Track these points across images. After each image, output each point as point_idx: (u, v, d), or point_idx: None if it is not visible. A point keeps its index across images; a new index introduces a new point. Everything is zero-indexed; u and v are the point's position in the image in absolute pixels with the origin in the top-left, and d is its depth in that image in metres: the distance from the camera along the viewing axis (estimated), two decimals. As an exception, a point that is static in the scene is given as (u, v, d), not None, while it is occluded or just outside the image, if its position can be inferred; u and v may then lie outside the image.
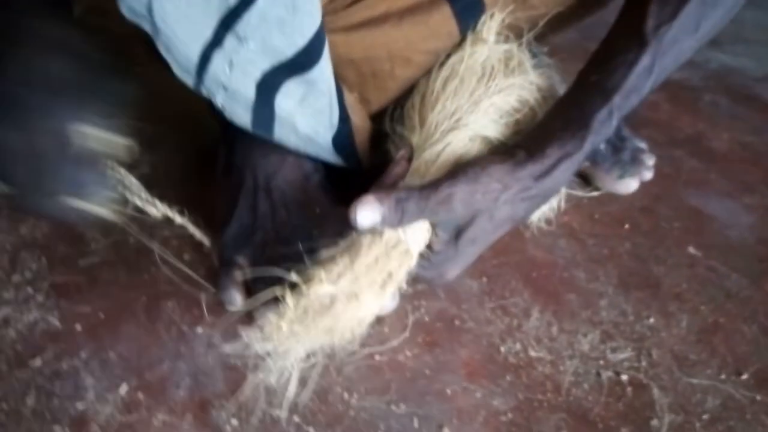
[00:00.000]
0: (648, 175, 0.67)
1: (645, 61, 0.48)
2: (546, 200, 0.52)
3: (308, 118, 0.52)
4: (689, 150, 0.76)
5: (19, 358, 0.47)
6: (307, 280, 0.43)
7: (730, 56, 1.00)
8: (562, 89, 0.54)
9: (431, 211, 0.45)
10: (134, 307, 0.51)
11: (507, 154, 0.48)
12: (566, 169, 0.48)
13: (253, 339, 0.42)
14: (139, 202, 0.55)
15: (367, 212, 0.43)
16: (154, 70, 0.53)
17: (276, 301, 0.43)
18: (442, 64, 0.57)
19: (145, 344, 0.49)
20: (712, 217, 0.65)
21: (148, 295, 0.52)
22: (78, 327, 0.49)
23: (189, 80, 0.46)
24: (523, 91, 0.55)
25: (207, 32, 0.43)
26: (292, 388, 0.42)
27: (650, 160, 0.67)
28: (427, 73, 0.58)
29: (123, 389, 0.45)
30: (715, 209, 0.66)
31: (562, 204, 0.62)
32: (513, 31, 0.57)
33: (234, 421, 0.44)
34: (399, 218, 0.44)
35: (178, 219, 0.56)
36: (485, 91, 0.53)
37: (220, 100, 0.47)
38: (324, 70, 0.50)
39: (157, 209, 0.56)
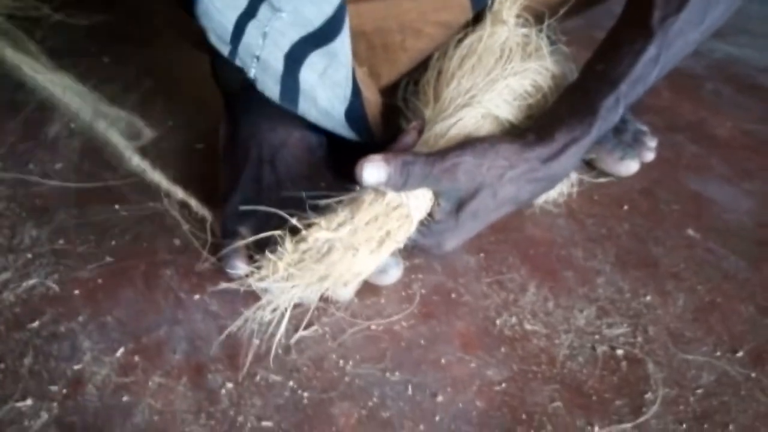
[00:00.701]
0: (650, 155, 0.67)
1: (651, 51, 0.49)
2: (552, 185, 0.52)
3: (327, 91, 0.52)
4: (690, 136, 0.76)
5: (18, 320, 0.47)
6: (307, 227, 0.44)
7: (733, 47, 1.00)
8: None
9: (435, 178, 0.45)
10: (132, 274, 0.52)
11: (517, 135, 0.49)
12: (573, 154, 0.49)
13: (250, 276, 0.43)
14: (145, 168, 0.56)
15: (372, 170, 0.43)
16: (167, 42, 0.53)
17: (275, 244, 0.44)
18: (460, 41, 0.57)
19: (143, 310, 0.49)
20: (711, 201, 0.65)
21: (147, 263, 0.53)
22: (76, 292, 0.50)
23: (224, 49, 0.46)
24: (538, 76, 0.55)
25: (242, 2, 0.44)
26: (282, 328, 0.43)
27: (652, 142, 0.68)
28: (441, 48, 0.59)
29: (119, 352, 0.45)
30: (714, 193, 0.66)
31: (574, 190, 0.62)
32: (531, 14, 0.58)
33: (229, 385, 0.44)
34: (404, 181, 0.44)
35: (180, 194, 0.57)
36: (501, 72, 0.54)
37: (252, 72, 0.48)
38: (345, 40, 0.50)
39: (159, 181, 0.57)
